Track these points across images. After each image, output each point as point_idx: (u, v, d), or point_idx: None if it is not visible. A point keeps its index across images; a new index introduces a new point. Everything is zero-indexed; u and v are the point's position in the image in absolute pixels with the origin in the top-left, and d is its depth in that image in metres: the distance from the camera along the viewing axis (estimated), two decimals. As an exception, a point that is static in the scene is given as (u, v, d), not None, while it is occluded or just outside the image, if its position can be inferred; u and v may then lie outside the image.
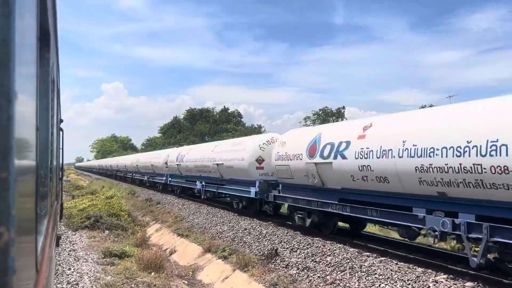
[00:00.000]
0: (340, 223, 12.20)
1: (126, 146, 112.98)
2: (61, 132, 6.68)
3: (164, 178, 27.48)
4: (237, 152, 15.90)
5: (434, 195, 7.73)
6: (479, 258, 6.83)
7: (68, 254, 11.17)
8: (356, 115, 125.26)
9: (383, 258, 8.69)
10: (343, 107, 67.89)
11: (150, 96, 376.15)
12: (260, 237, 11.80)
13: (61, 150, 6.92)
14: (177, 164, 23.79)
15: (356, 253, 9.12)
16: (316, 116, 66.64)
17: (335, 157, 9.95)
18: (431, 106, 37.54)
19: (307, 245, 10.21)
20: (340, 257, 8.92)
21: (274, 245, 10.62)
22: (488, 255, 7.16)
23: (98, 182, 50.01)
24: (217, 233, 13.45)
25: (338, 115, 65.67)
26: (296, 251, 9.93)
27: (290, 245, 10.42)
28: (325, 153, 10.36)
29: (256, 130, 68.43)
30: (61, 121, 7.54)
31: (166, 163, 26.48)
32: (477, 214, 7.01)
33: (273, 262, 9.41)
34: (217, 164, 17.52)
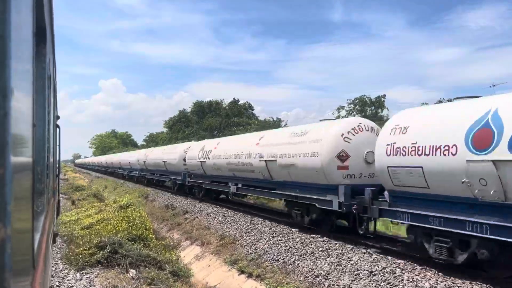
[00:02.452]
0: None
1: (126, 142, 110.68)
2: (58, 129, 6.66)
3: (180, 177, 23.09)
4: (302, 144, 11.36)
5: None
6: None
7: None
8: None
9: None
10: (384, 96, 57.19)
11: (148, 93, 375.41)
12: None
13: (58, 147, 6.91)
14: (201, 161, 19.10)
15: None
16: (351, 106, 57.20)
17: None
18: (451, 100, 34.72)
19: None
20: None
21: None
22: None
23: (99, 182, 46.12)
24: (315, 276, 8.34)
25: (378, 104, 55.83)
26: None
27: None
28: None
29: (276, 123, 58.22)
30: (58, 117, 7.52)
31: (184, 159, 22.48)
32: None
33: None
34: (265, 161, 13.11)
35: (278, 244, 10.60)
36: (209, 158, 18.23)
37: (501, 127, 6.33)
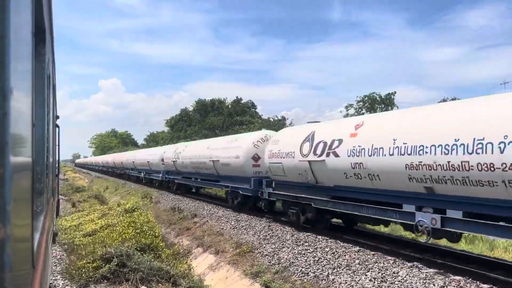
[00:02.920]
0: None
1: (126, 142, 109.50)
2: (57, 129, 6.66)
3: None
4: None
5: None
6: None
7: None
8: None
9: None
10: (394, 93, 53.94)
11: (147, 92, 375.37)
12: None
13: (57, 147, 6.91)
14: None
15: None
16: (360, 103, 54.60)
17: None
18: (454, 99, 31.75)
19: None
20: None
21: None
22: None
23: (99, 182, 45.62)
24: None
25: (388, 101, 52.79)
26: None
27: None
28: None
29: (280, 122, 56.95)
30: (57, 117, 7.52)
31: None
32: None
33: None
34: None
35: (304, 254, 9.45)
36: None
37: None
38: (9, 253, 0.90)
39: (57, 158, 7.06)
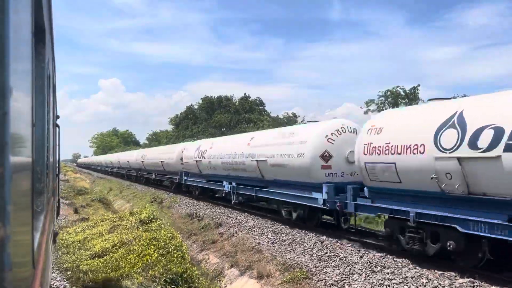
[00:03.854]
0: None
1: (128, 141, 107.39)
2: (57, 128, 6.66)
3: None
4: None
5: None
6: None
7: None
8: (354, 111, 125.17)
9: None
10: (418, 85, 48.85)
11: (147, 92, 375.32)
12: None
13: (57, 147, 6.91)
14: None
15: None
16: (382, 98, 50.06)
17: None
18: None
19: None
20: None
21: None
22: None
23: (102, 183, 42.39)
24: None
25: (413, 96, 48.22)
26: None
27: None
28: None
29: (291, 119, 52.26)
30: (58, 117, 7.52)
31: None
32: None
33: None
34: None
35: (388, 286, 6.95)
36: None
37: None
38: (9, 253, 0.90)
39: (57, 158, 7.06)
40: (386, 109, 47.29)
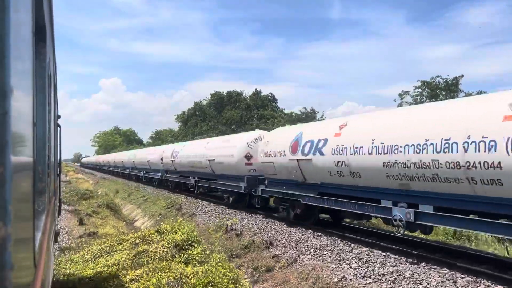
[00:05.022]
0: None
1: (131, 139, 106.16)
2: (58, 128, 6.67)
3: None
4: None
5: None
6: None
7: None
8: (356, 110, 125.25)
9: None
10: (461, 76, 44.36)
11: (148, 91, 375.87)
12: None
13: (59, 146, 6.92)
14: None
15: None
16: (420, 90, 45.87)
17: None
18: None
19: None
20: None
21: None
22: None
23: (107, 184, 40.10)
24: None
25: (455, 87, 43.91)
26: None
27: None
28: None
29: (310, 116, 48.85)
30: (59, 117, 7.53)
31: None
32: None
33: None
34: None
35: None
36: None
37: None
38: (10, 253, 0.90)
39: (58, 158, 7.06)
40: (424, 101, 43.31)
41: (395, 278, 7.09)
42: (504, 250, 10.72)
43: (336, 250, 9.05)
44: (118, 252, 8.22)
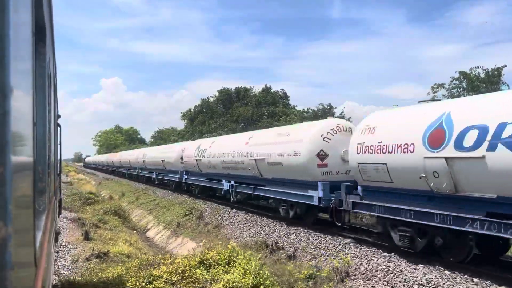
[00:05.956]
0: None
1: (133, 138, 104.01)
2: (58, 128, 6.67)
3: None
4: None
5: None
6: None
7: None
8: (355, 110, 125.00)
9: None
10: (504, 66, 38.49)
11: (148, 91, 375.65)
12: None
13: (59, 146, 6.91)
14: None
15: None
16: (455, 82, 40.84)
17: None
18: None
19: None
20: None
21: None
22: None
23: (110, 185, 37.62)
24: None
25: (497, 78, 39.10)
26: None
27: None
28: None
29: (327, 112, 43.54)
30: (59, 116, 7.53)
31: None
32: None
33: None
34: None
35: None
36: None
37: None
38: (10, 252, 0.90)
39: (58, 158, 7.06)
40: (461, 95, 38.60)
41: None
42: None
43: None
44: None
